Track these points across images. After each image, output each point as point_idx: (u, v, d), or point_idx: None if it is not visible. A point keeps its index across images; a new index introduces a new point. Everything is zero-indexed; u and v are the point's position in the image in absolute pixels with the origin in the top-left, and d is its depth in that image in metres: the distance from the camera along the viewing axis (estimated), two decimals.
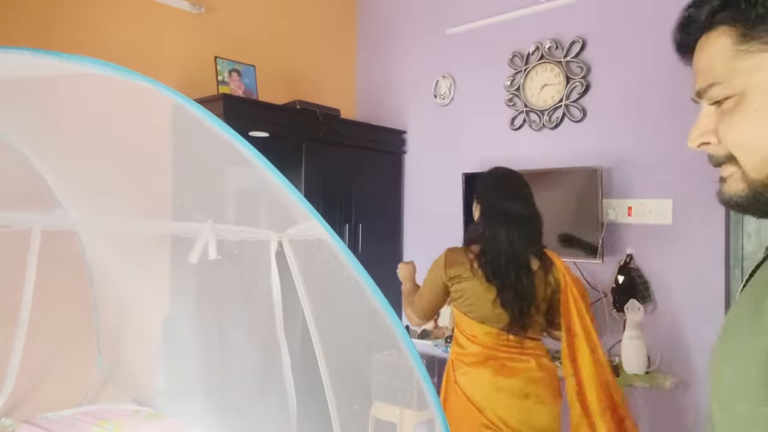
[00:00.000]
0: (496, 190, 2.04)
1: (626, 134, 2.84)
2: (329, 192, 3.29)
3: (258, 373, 2.12)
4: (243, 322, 2.16)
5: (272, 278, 1.82)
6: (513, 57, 3.23)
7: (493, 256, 1.93)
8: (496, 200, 2.00)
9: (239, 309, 2.18)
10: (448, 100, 3.57)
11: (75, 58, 1.07)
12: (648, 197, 2.75)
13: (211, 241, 1.63)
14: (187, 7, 3.10)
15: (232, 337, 2.26)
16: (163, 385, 2.46)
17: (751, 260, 2.53)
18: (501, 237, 1.92)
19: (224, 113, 2.77)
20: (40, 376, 2.45)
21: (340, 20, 4.04)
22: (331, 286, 1.42)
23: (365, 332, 1.33)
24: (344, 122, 3.47)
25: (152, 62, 2.96)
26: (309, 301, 1.73)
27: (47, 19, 2.61)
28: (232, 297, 2.18)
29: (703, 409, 2.59)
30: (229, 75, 3.17)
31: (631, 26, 2.84)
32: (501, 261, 1.91)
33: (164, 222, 1.96)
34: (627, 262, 2.69)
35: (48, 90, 1.52)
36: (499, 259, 1.91)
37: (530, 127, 3.17)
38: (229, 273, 2.04)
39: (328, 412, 1.74)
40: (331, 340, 1.72)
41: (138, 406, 2.44)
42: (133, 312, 2.50)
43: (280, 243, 1.72)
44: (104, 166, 1.86)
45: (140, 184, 1.94)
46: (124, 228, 2.10)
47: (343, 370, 1.76)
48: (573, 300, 1.96)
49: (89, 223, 2.29)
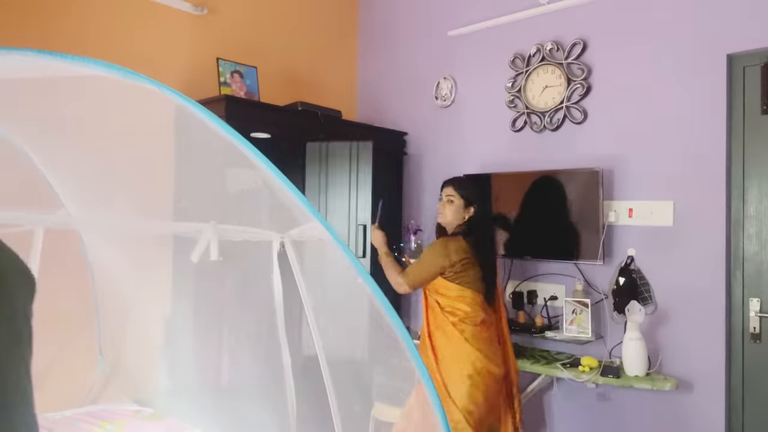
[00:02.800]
0: (485, 195, 2.77)
1: (627, 136, 2.84)
2: (330, 193, 3.30)
3: (259, 373, 2.12)
4: (244, 322, 2.17)
5: (274, 278, 1.82)
6: (514, 59, 3.24)
7: (485, 245, 2.54)
8: (486, 202, 2.75)
9: (241, 309, 2.18)
10: (449, 101, 3.58)
11: (79, 59, 1.07)
12: (649, 199, 2.75)
13: (213, 242, 1.63)
14: (189, 8, 3.11)
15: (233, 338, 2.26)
16: (164, 385, 2.46)
17: (751, 262, 2.53)
18: (490, 232, 2.75)
19: (226, 114, 2.78)
20: (42, 377, 2.46)
21: (341, 22, 4.04)
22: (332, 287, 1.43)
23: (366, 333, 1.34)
24: (345, 123, 3.48)
25: (154, 64, 2.97)
26: (311, 302, 1.74)
27: (49, 20, 2.62)
28: (233, 297, 2.18)
29: (704, 410, 2.58)
30: (231, 76, 3.18)
31: (631, 28, 2.84)
32: (488, 249, 2.58)
33: (166, 222, 1.97)
34: (628, 263, 2.69)
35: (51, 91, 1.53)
36: (488, 248, 2.57)
37: (531, 129, 3.17)
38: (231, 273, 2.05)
39: (329, 413, 1.74)
40: (333, 341, 1.72)
41: (139, 407, 2.44)
42: (135, 312, 2.51)
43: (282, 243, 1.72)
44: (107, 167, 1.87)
45: (143, 184, 1.95)
46: (127, 228, 2.10)
47: (345, 370, 1.77)
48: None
49: (91, 223, 2.29)
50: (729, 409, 2.56)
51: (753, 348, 2.52)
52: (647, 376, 2.52)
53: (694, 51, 2.65)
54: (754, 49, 2.50)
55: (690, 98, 2.66)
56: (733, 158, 2.58)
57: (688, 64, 2.66)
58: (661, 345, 2.67)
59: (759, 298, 2.51)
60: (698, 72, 2.64)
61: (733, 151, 2.58)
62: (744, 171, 2.55)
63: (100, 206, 2.12)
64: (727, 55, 2.56)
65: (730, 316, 2.56)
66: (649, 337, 2.61)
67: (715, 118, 2.59)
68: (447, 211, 2.53)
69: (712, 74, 2.60)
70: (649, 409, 2.73)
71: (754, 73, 2.53)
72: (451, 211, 2.52)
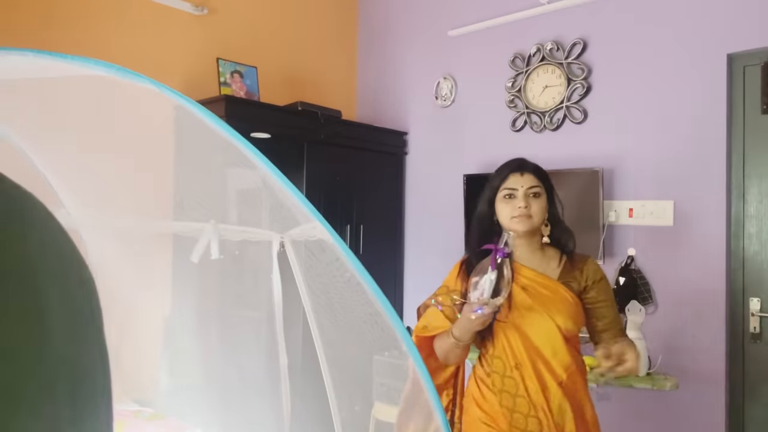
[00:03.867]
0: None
1: (627, 136, 2.84)
2: (330, 193, 3.30)
3: (260, 374, 2.12)
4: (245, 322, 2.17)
5: (274, 278, 1.82)
6: (514, 58, 3.23)
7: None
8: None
9: (241, 309, 2.18)
10: (449, 101, 3.58)
11: (78, 59, 1.07)
12: (649, 198, 2.75)
13: (213, 241, 1.63)
14: (189, 8, 3.11)
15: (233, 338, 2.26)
16: (164, 385, 2.46)
17: (751, 262, 2.53)
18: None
19: (226, 114, 2.78)
20: None
21: (341, 22, 4.04)
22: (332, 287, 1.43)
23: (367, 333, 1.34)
24: (345, 123, 3.48)
25: (154, 63, 2.97)
26: (310, 302, 1.74)
27: (49, 20, 2.62)
28: (233, 297, 2.18)
29: (704, 410, 2.58)
30: (231, 76, 3.18)
31: (631, 28, 2.84)
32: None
33: (166, 222, 1.97)
34: (628, 263, 2.69)
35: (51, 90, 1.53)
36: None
37: (531, 129, 3.17)
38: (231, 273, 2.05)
39: (329, 413, 1.74)
40: (333, 341, 1.72)
41: (139, 407, 2.44)
42: (135, 312, 2.51)
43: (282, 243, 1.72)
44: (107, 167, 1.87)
45: (143, 184, 1.95)
46: (127, 228, 2.10)
47: (345, 370, 1.77)
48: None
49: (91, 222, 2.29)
50: (729, 409, 2.56)
51: (753, 348, 2.52)
52: (647, 375, 2.52)
53: (694, 51, 2.64)
54: (754, 49, 2.50)
55: (690, 98, 2.66)
56: (733, 158, 2.57)
57: (688, 63, 2.66)
58: (662, 345, 2.67)
59: (759, 297, 2.51)
60: (698, 72, 2.64)
61: (733, 151, 2.58)
62: (744, 171, 2.55)
63: (100, 206, 2.12)
64: (727, 55, 2.56)
65: (730, 315, 2.56)
66: (649, 337, 2.61)
67: (715, 117, 2.59)
68: (537, 210, 1.61)
69: (712, 74, 2.60)
70: (650, 409, 2.73)
71: (754, 72, 2.53)
72: (541, 209, 1.62)
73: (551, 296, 1.61)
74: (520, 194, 1.60)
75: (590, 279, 1.64)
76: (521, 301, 1.61)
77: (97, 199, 2.10)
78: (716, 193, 2.58)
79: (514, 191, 1.61)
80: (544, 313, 1.59)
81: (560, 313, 1.59)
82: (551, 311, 1.59)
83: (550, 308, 1.59)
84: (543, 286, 1.62)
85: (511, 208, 1.61)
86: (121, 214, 2.05)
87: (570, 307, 1.60)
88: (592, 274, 1.65)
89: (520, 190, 1.60)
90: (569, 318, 1.59)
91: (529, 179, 1.61)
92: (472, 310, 1.46)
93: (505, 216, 1.62)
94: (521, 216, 1.59)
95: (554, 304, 1.60)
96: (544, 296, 1.61)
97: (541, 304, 1.60)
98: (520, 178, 1.62)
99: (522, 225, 1.59)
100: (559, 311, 1.59)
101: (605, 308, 1.65)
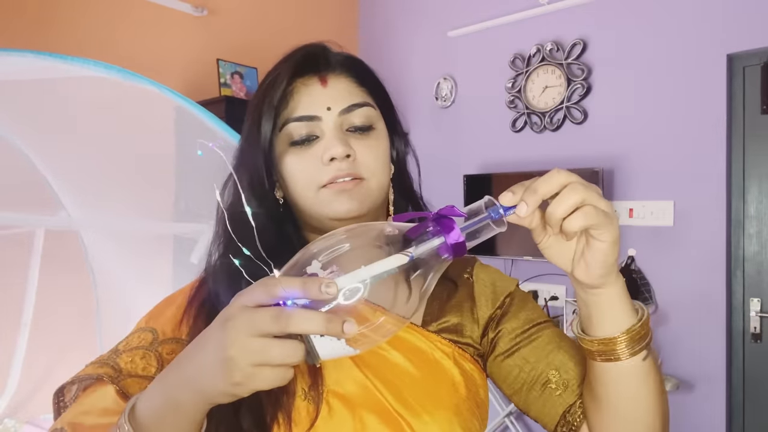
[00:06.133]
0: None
1: (627, 136, 2.84)
2: None
3: None
4: None
5: None
6: (514, 59, 3.24)
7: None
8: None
9: None
10: (449, 102, 3.58)
11: (79, 60, 1.08)
12: (649, 199, 2.75)
13: None
14: (189, 9, 3.12)
15: None
16: None
17: (752, 262, 2.53)
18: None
19: (226, 115, 2.78)
20: (43, 378, 2.46)
21: (341, 22, 4.05)
22: None
23: None
24: None
25: (154, 65, 2.97)
26: None
27: (49, 22, 2.62)
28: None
29: (705, 410, 2.58)
30: (231, 77, 3.19)
31: (631, 28, 2.84)
32: None
33: (166, 222, 1.97)
34: (628, 263, 2.69)
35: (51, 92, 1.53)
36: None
37: (531, 129, 3.17)
38: None
39: None
40: None
41: None
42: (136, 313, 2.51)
43: None
44: (107, 168, 1.87)
45: (143, 185, 1.95)
46: (127, 229, 2.10)
47: None
48: None
49: (92, 224, 2.29)
50: (730, 409, 2.56)
51: (753, 348, 2.52)
52: None
53: (694, 51, 2.65)
54: (754, 49, 2.50)
55: (690, 98, 2.66)
56: (733, 158, 2.58)
57: (688, 64, 2.66)
58: (662, 345, 2.67)
59: (759, 298, 2.51)
60: (698, 72, 2.64)
61: (733, 151, 2.58)
62: (744, 171, 2.55)
63: (100, 207, 2.12)
64: (727, 55, 2.56)
65: (730, 316, 2.56)
66: None
67: (715, 117, 2.59)
68: (371, 159, 0.80)
69: (712, 74, 2.60)
70: None
71: (754, 73, 2.53)
72: (378, 156, 0.83)
73: (421, 378, 0.73)
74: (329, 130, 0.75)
75: (497, 297, 0.84)
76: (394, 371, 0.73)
77: (97, 200, 2.10)
78: (716, 193, 2.58)
79: (314, 124, 0.75)
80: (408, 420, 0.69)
81: (442, 410, 0.71)
82: (419, 414, 0.70)
83: (418, 408, 0.70)
84: (408, 356, 0.74)
85: (314, 165, 0.74)
86: (121, 216, 2.05)
87: (459, 398, 0.73)
88: (498, 287, 0.85)
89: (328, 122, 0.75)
90: (458, 420, 0.72)
91: (343, 90, 0.77)
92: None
93: (302, 185, 0.76)
94: (342, 181, 0.74)
95: (428, 395, 0.71)
96: (406, 381, 0.72)
97: (400, 399, 0.70)
98: (323, 90, 0.76)
99: (348, 201, 0.74)
100: (438, 408, 0.71)
101: (549, 343, 0.79)
